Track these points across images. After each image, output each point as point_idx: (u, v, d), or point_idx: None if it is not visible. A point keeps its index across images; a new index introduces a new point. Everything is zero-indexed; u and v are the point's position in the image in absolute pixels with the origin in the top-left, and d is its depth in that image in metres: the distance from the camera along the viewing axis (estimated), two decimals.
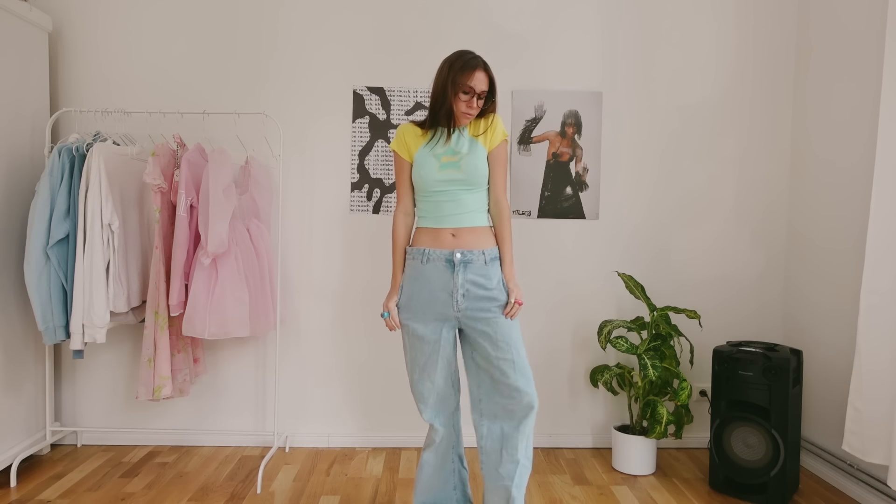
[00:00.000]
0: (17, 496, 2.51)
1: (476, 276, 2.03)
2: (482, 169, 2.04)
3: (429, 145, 2.07)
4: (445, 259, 2.03)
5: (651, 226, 3.17)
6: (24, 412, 2.77)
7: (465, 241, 2.04)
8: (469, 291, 2.02)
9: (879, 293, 2.30)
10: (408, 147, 2.11)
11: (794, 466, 2.59)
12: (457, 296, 2.02)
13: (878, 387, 2.30)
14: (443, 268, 2.03)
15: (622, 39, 3.13)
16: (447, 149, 2.05)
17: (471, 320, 2.04)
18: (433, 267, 2.04)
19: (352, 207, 3.11)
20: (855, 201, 2.69)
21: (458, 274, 2.02)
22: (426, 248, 2.05)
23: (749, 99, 3.15)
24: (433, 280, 2.04)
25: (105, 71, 3.05)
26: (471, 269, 2.03)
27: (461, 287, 2.02)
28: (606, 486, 2.72)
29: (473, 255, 2.03)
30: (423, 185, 2.06)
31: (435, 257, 2.04)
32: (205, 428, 3.11)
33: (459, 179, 2.03)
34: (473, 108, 2.02)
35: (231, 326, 2.62)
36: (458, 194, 2.04)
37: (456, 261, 2.02)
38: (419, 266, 2.07)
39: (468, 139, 2.07)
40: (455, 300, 2.03)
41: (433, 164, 2.04)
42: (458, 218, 2.05)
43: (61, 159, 2.59)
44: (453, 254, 2.02)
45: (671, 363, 2.79)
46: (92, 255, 2.55)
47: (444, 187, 2.04)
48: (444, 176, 2.03)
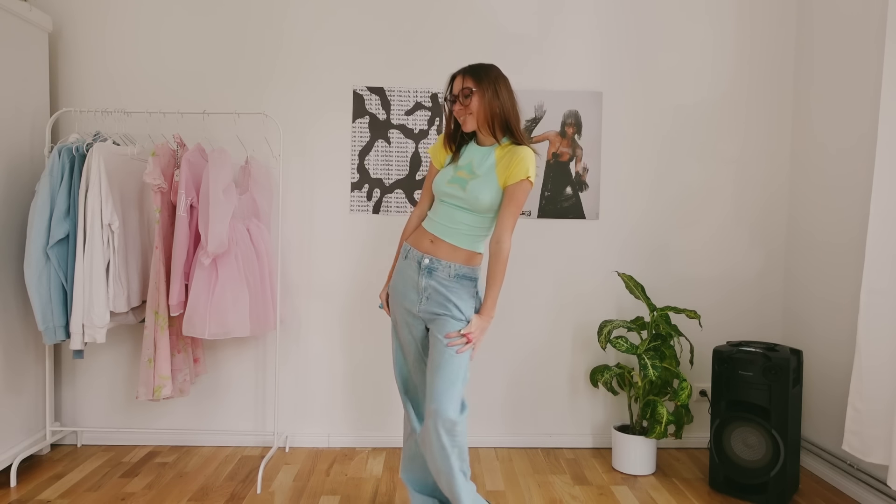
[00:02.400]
0: (17, 496, 2.51)
1: (438, 285, 2.06)
2: (484, 200, 2.02)
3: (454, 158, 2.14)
4: (417, 260, 2.10)
5: (651, 226, 3.17)
6: (24, 412, 2.77)
7: (440, 251, 2.07)
8: (431, 297, 2.07)
9: (879, 292, 2.30)
10: (437, 157, 2.21)
11: (794, 466, 2.60)
12: (422, 297, 2.08)
13: (878, 386, 2.30)
14: (415, 267, 2.10)
15: (622, 40, 3.13)
16: (467, 164, 2.08)
17: (430, 319, 2.09)
18: (408, 264, 2.12)
19: (352, 207, 3.11)
20: (855, 200, 2.69)
21: (422, 277, 2.07)
22: (409, 246, 2.14)
23: (749, 99, 3.15)
24: (406, 276, 2.12)
25: (105, 71, 3.05)
26: (434, 276, 2.06)
27: (424, 290, 2.07)
28: (606, 486, 2.72)
29: (440, 264, 2.06)
30: (436, 190, 2.13)
31: (412, 256, 2.11)
32: (205, 428, 3.11)
33: (459, 198, 2.04)
34: (462, 111, 2.06)
35: (231, 326, 2.62)
36: (455, 209, 2.07)
37: (422, 265, 2.07)
38: (401, 260, 2.16)
39: (489, 165, 2.05)
40: (420, 299, 2.08)
41: (447, 174, 2.10)
42: (444, 229, 2.07)
43: (61, 159, 2.58)
44: (423, 257, 2.08)
45: (671, 363, 2.79)
46: (92, 255, 2.55)
47: (447, 198, 2.08)
48: (449, 189, 2.07)
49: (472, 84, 2.02)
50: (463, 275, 2.07)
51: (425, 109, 3.09)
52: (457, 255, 2.07)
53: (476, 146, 2.12)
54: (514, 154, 2.02)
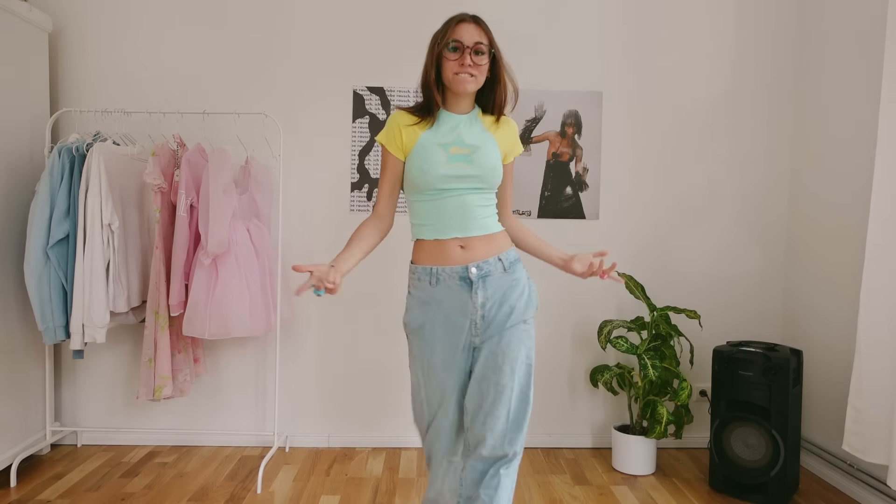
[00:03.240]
0: (18, 496, 2.51)
1: (500, 289, 1.69)
2: (498, 167, 1.71)
3: (431, 132, 1.70)
4: (459, 277, 1.67)
5: (651, 226, 3.17)
6: (24, 412, 2.77)
7: (478, 251, 1.69)
8: (495, 309, 1.69)
9: (879, 293, 2.30)
10: (400, 139, 1.71)
11: (794, 466, 2.59)
12: (475, 318, 1.68)
13: (878, 387, 2.30)
14: (457, 288, 1.68)
15: (622, 40, 3.13)
16: (455, 138, 1.69)
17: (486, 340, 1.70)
18: (446, 289, 1.68)
19: (352, 207, 3.11)
20: (855, 201, 2.69)
21: (476, 292, 1.67)
22: (433, 267, 1.69)
23: (749, 99, 3.15)
24: (448, 304, 1.68)
25: (105, 71, 3.05)
26: (491, 280, 1.69)
27: (481, 308, 1.68)
28: (606, 486, 2.72)
29: (489, 264, 1.69)
30: (425, 182, 1.67)
31: (444, 276, 1.68)
32: (205, 428, 3.11)
33: (471, 176, 1.67)
34: (468, 68, 1.64)
35: (231, 326, 2.62)
36: (466, 195, 1.68)
37: (472, 276, 1.67)
38: (428, 288, 1.70)
39: (481, 130, 1.73)
40: (474, 324, 1.69)
41: (439, 155, 1.66)
42: (466, 225, 1.69)
43: (61, 159, 2.59)
44: (467, 269, 1.67)
45: (671, 363, 2.79)
46: (92, 255, 2.55)
47: (450, 185, 1.67)
48: (451, 171, 1.66)
49: (487, 40, 1.69)
50: (514, 259, 1.75)
51: None
52: (497, 244, 1.73)
53: (450, 114, 1.73)
54: (509, 125, 1.79)
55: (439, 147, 1.67)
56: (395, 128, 1.72)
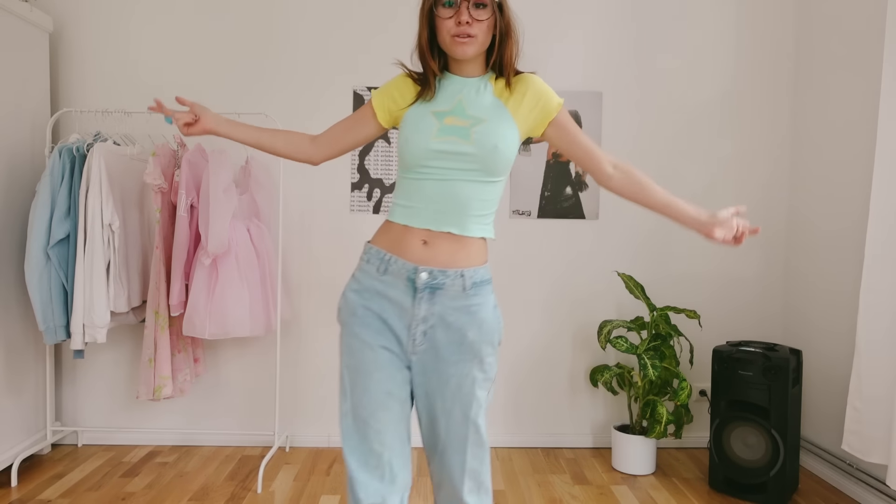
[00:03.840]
0: (18, 496, 2.52)
1: (448, 312, 1.38)
2: (504, 149, 1.37)
3: (426, 101, 1.43)
4: (406, 277, 1.38)
5: (651, 226, 3.17)
6: (24, 412, 2.77)
7: (441, 253, 1.38)
8: (433, 336, 1.39)
9: (879, 293, 2.30)
10: (392, 100, 1.48)
11: (793, 466, 2.60)
12: (414, 332, 1.39)
13: (878, 386, 2.30)
14: (403, 288, 1.39)
15: (622, 39, 3.14)
16: (455, 106, 1.39)
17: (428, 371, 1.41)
18: (391, 283, 1.39)
19: (352, 207, 3.12)
20: (855, 201, 2.69)
21: (419, 303, 1.37)
22: (387, 254, 1.41)
23: (749, 98, 3.16)
24: (388, 301, 1.40)
25: (105, 71, 3.05)
26: (440, 298, 1.38)
27: (423, 322, 1.38)
28: (606, 485, 2.72)
29: (447, 276, 1.37)
30: (409, 155, 1.38)
31: (395, 270, 1.39)
32: (205, 428, 3.11)
33: (464, 155, 1.35)
34: (467, 26, 1.33)
35: (231, 326, 2.62)
36: (456, 181, 1.37)
37: (419, 282, 1.37)
38: (374, 276, 1.41)
39: (491, 100, 1.41)
40: (412, 339, 1.39)
41: (430, 125, 1.37)
42: (443, 217, 1.38)
43: (62, 159, 2.59)
44: (416, 271, 1.37)
45: (671, 363, 2.79)
46: (92, 255, 2.55)
47: (438, 163, 1.36)
48: (441, 145, 1.36)
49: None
50: (482, 280, 1.41)
51: None
52: (467, 253, 1.39)
53: (454, 78, 1.44)
54: (527, 85, 1.43)
55: (433, 116, 1.39)
56: (395, 91, 1.49)
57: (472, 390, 1.40)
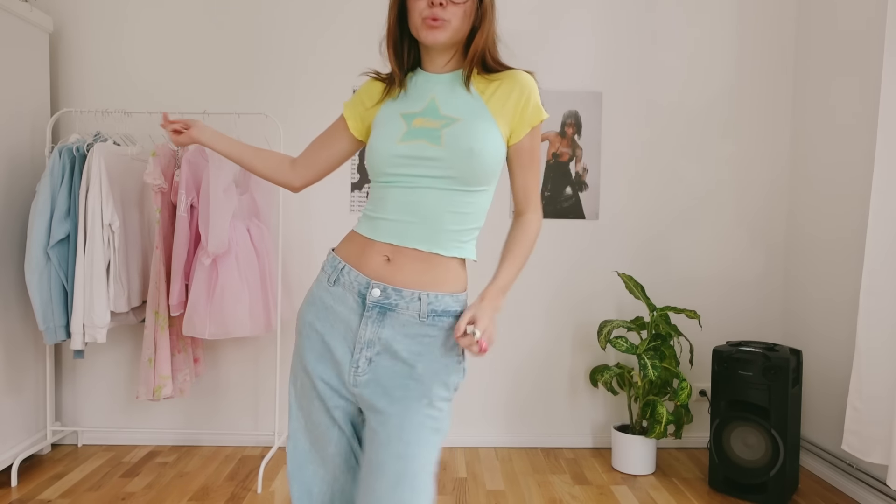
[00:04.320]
0: (18, 496, 2.52)
1: (396, 339, 1.19)
2: (482, 152, 1.17)
3: (397, 100, 1.26)
4: (357, 291, 1.21)
5: (651, 226, 3.18)
6: (24, 412, 2.77)
7: (403, 272, 1.19)
8: (377, 363, 1.20)
9: (879, 293, 2.30)
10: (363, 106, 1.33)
11: (793, 466, 2.60)
12: (359, 358, 1.20)
13: (878, 386, 2.30)
14: (352, 304, 1.22)
15: (622, 39, 3.14)
16: (426, 106, 1.22)
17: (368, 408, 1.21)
18: (340, 297, 1.23)
19: (352, 207, 3.12)
20: (855, 201, 2.69)
21: (366, 323, 1.20)
22: (341, 262, 1.25)
23: (749, 98, 3.16)
24: (334, 316, 1.23)
25: (105, 71, 3.05)
26: (390, 321, 1.19)
27: (368, 347, 1.20)
28: (606, 485, 2.72)
29: (402, 297, 1.18)
30: (373, 162, 1.23)
31: (346, 281, 1.23)
32: (205, 428, 3.11)
33: (432, 160, 1.18)
34: (438, 8, 1.16)
35: (231, 326, 2.62)
36: (424, 189, 1.19)
37: (369, 300, 1.19)
38: (324, 286, 1.26)
39: (470, 98, 1.22)
40: (354, 364, 1.21)
41: (396, 128, 1.22)
42: (408, 231, 1.20)
43: (62, 159, 2.59)
44: (369, 286, 1.20)
45: (671, 363, 2.79)
46: (92, 256, 2.55)
47: (403, 169, 1.19)
48: (405, 150, 1.19)
49: None
50: (443, 311, 1.20)
51: None
52: (436, 275, 1.20)
53: (426, 75, 1.27)
54: (517, 81, 1.23)
55: (401, 118, 1.23)
56: (359, 99, 1.34)
57: (416, 436, 1.16)
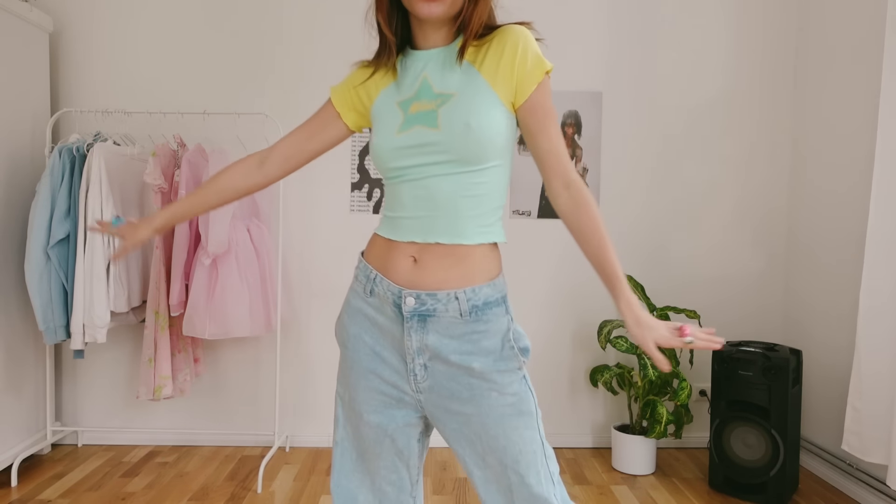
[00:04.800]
0: (18, 496, 2.52)
1: (445, 340, 1.12)
2: (479, 126, 1.07)
3: (391, 88, 1.17)
4: (392, 302, 1.14)
5: (651, 226, 3.18)
6: (24, 412, 2.78)
7: (431, 272, 1.11)
8: (434, 370, 1.13)
9: (879, 293, 2.30)
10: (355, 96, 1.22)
11: (793, 466, 2.60)
12: (412, 366, 1.14)
13: (878, 387, 2.30)
14: (391, 314, 1.15)
15: (622, 39, 3.14)
16: (419, 88, 1.13)
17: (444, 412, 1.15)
18: (379, 307, 1.16)
19: (352, 207, 3.12)
20: (855, 202, 2.69)
21: (410, 334, 1.13)
22: (373, 271, 1.17)
23: (749, 99, 3.16)
24: (378, 328, 1.17)
25: (105, 71, 3.05)
26: (433, 326, 1.12)
27: (418, 355, 1.13)
28: (606, 485, 2.72)
29: (437, 301, 1.11)
30: (376, 160, 1.15)
31: (380, 292, 1.15)
32: (205, 428, 3.11)
33: (432, 145, 1.09)
34: None
35: (231, 326, 2.62)
36: (431, 178, 1.11)
37: (405, 310, 1.12)
38: (361, 296, 1.19)
39: (462, 69, 1.12)
40: (412, 372, 1.14)
41: (394, 118, 1.13)
42: (429, 225, 1.11)
43: (62, 159, 2.59)
44: (402, 296, 1.12)
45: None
46: (92, 256, 2.55)
47: (406, 161, 1.11)
48: (405, 140, 1.11)
49: None
50: (484, 304, 1.12)
51: None
52: (467, 268, 1.12)
53: (419, 52, 1.16)
54: (508, 36, 1.11)
55: (398, 107, 1.13)
56: (350, 85, 1.22)
57: (502, 430, 1.11)
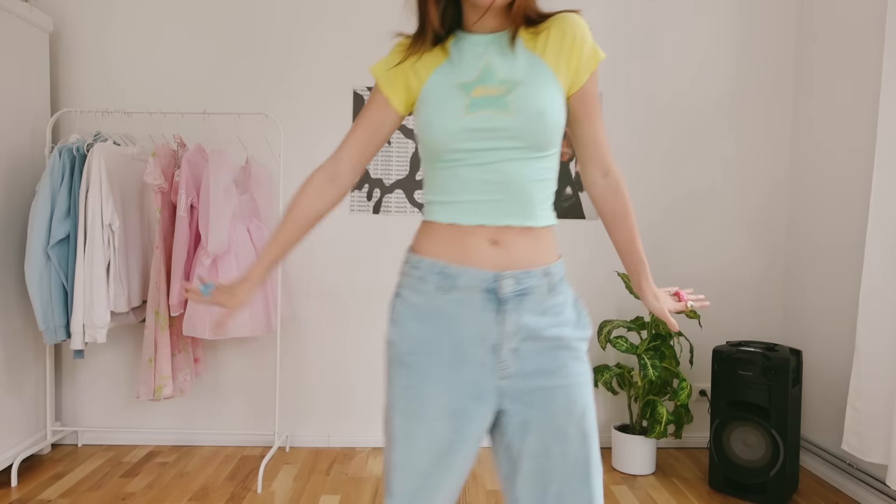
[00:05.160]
0: (18, 496, 2.52)
1: (536, 318, 1.12)
2: (551, 113, 1.09)
3: (447, 67, 1.15)
4: (484, 289, 1.11)
5: (651, 225, 3.18)
6: (24, 412, 2.78)
7: (516, 252, 1.12)
8: (526, 348, 1.12)
9: (879, 293, 2.30)
10: (403, 77, 1.18)
11: (793, 466, 2.60)
12: (501, 353, 1.12)
13: (878, 386, 2.31)
14: (479, 303, 1.11)
15: (622, 39, 3.14)
16: (482, 72, 1.12)
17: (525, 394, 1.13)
18: (462, 301, 1.12)
19: (352, 207, 3.12)
20: (855, 201, 2.69)
21: (506, 316, 1.11)
22: (447, 264, 1.12)
23: (749, 98, 3.16)
24: (461, 324, 1.12)
25: (105, 71, 3.05)
26: (527, 306, 1.12)
27: (512, 337, 1.12)
28: (606, 485, 2.72)
29: (532, 278, 1.12)
30: (436, 142, 1.12)
31: (465, 284, 1.11)
32: (205, 428, 3.11)
33: (504, 130, 1.09)
34: None
35: (231, 326, 2.63)
36: (502, 162, 1.11)
37: (503, 292, 1.11)
38: (434, 295, 1.13)
39: (525, 57, 1.13)
40: (499, 360, 1.12)
41: (456, 101, 1.11)
42: (503, 209, 1.12)
43: (62, 159, 2.59)
44: (498, 279, 1.10)
45: (671, 363, 2.79)
46: (92, 256, 2.55)
47: (475, 144, 1.10)
48: (473, 123, 1.09)
49: None
50: (560, 278, 1.16)
51: None
52: (544, 247, 1.15)
53: (471, 37, 1.16)
54: (567, 24, 1.14)
55: (458, 90, 1.11)
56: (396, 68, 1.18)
57: (581, 397, 1.14)
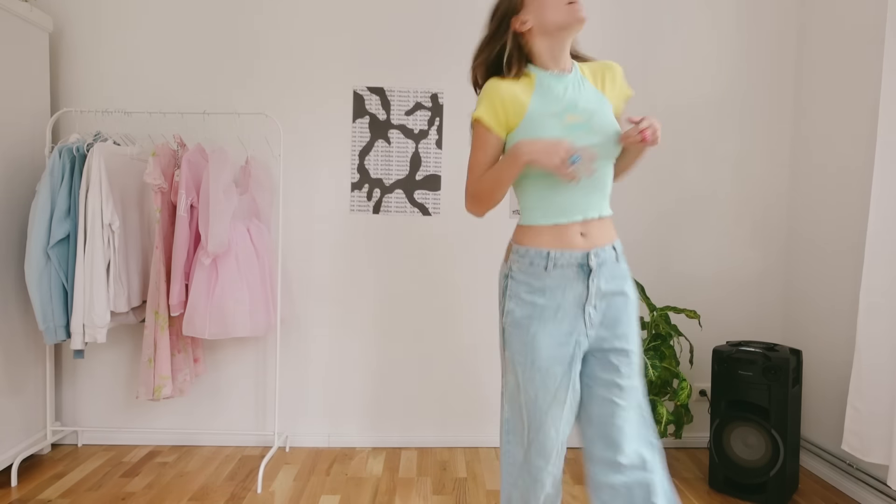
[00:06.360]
0: (18, 496, 2.52)
1: (610, 281, 1.54)
2: (618, 131, 1.52)
3: (539, 100, 1.50)
4: (578, 264, 1.50)
5: (651, 225, 3.18)
6: (24, 412, 2.77)
7: (596, 237, 1.53)
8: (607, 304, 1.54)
9: (879, 293, 2.30)
10: (504, 112, 1.49)
11: (793, 466, 2.60)
12: (590, 309, 1.52)
13: (878, 386, 2.31)
14: (574, 275, 1.51)
15: (622, 39, 3.14)
16: (567, 104, 1.50)
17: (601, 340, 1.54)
18: (561, 275, 1.51)
19: (352, 207, 3.12)
20: (855, 201, 2.69)
21: (593, 280, 1.51)
22: (551, 251, 1.51)
23: (749, 98, 3.16)
24: (563, 292, 1.51)
25: (105, 71, 3.05)
26: (604, 273, 1.53)
27: (595, 297, 1.52)
28: None
29: (606, 252, 1.53)
30: None
31: (564, 262, 1.50)
32: (205, 428, 3.11)
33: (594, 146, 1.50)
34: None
35: (231, 326, 2.62)
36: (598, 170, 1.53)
37: (592, 264, 1.50)
38: (542, 275, 1.51)
39: (593, 92, 1.55)
40: (589, 316, 1.52)
41: (554, 125, 1.47)
42: (588, 207, 1.53)
43: (62, 159, 2.59)
44: (587, 256, 1.51)
45: (671, 363, 2.79)
46: (92, 255, 2.55)
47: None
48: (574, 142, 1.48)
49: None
50: (621, 251, 1.59)
51: (425, 110, 3.09)
52: (610, 229, 1.57)
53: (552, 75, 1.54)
54: (615, 70, 1.60)
55: (552, 118, 1.47)
56: (499, 101, 1.49)
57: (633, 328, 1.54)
